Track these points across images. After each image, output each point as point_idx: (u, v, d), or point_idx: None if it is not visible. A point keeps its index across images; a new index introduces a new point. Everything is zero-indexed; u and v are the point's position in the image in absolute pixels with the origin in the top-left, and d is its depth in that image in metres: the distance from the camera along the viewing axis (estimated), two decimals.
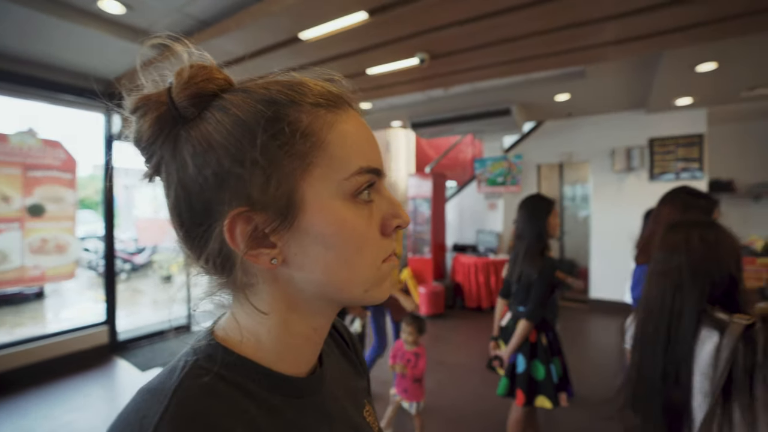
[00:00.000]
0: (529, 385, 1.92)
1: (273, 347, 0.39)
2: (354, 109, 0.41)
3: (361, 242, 0.37)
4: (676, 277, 0.95)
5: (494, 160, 5.88)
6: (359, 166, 0.37)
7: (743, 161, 5.88)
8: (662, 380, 0.93)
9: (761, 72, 3.73)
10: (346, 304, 0.42)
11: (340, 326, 0.59)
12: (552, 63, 3.31)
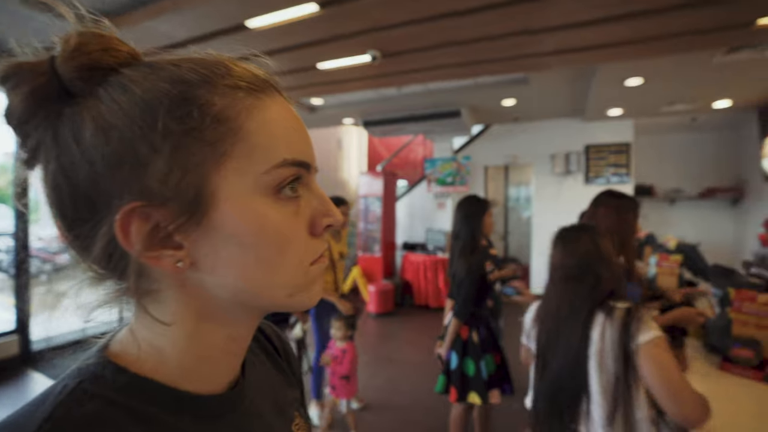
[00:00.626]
0: (461, 381, 1.97)
1: (179, 362, 0.34)
2: (282, 95, 0.37)
3: (284, 242, 0.33)
4: (572, 276, 1.11)
5: (444, 161, 6.01)
6: (283, 158, 0.33)
7: (662, 169, 6.51)
8: (567, 371, 1.06)
9: (679, 90, 4.13)
10: (269, 311, 0.38)
11: (271, 332, 0.53)
12: (498, 68, 3.43)
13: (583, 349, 1.04)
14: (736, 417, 1.13)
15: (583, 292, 1.08)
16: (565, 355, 1.07)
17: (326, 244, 0.38)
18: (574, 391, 1.04)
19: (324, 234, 0.37)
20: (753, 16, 2.45)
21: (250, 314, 0.38)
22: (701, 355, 1.58)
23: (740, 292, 1.42)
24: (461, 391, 1.98)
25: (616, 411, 0.98)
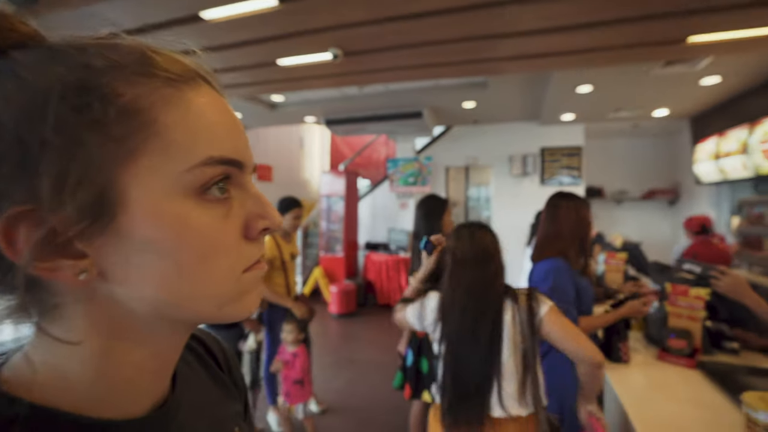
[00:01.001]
0: (416, 379, 1.99)
1: (89, 386, 0.30)
2: (212, 86, 0.33)
3: (210, 248, 0.30)
4: (472, 269, 1.23)
5: (406, 161, 6.06)
6: (208, 156, 0.30)
7: (610, 171, 6.93)
8: (481, 357, 1.16)
9: (623, 97, 4.41)
10: (197, 324, 0.35)
11: (212, 342, 0.50)
12: (457, 71, 3.49)
13: (497, 335, 1.17)
14: (671, 403, 1.21)
15: (488, 279, 1.22)
16: (479, 342, 1.17)
17: (263, 249, 0.36)
18: (488, 374, 1.15)
19: (261, 238, 0.35)
20: (684, 34, 2.66)
21: (175, 329, 0.34)
22: (642, 347, 1.69)
23: (675, 287, 1.54)
24: (415, 388, 1.99)
25: (527, 380, 1.15)
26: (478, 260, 1.24)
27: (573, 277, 1.50)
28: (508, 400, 1.15)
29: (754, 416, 0.80)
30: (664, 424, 1.10)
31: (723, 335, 1.62)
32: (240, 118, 2.32)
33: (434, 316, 1.25)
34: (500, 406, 1.15)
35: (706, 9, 2.34)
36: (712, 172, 4.79)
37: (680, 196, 6.39)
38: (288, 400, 2.35)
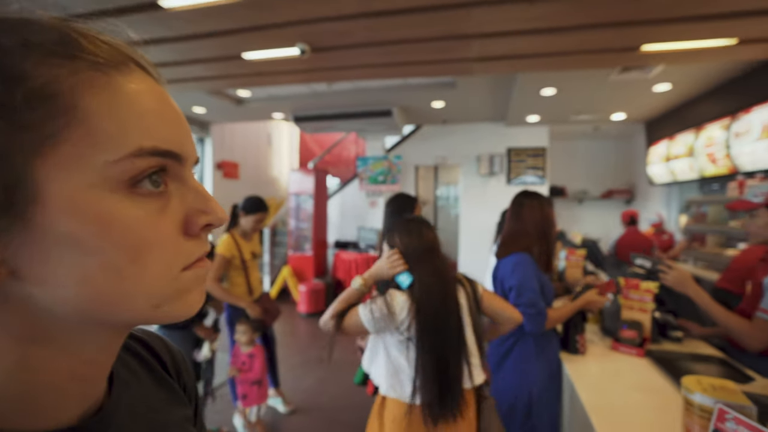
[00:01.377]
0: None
1: (6, 396, 0.28)
2: (148, 73, 0.31)
3: (141, 245, 0.28)
4: (435, 259, 1.29)
5: (376, 159, 6.07)
6: (138, 146, 0.27)
7: (572, 172, 7.22)
8: (453, 339, 1.22)
9: (584, 101, 4.60)
10: (132, 326, 0.33)
11: (158, 345, 0.47)
12: (426, 71, 3.53)
13: (461, 319, 1.26)
14: (621, 389, 1.28)
15: (446, 267, 1.31)
16: (451, 330, 1.23)
17: (207, 246, 0.34)
18: (460, 360, 1.21)
19: (203, 234, 0.33)
20: (639, 42, 2.80)
21: (107, 332, 0.32)
22: (598, 339, 1.77)
23: (627, 281, 1.62)
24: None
25: (481, 345, 1.31)
26: (435, 251, 1.31)
27: (537, 271, 1.55)
28: (475, 372, 1.25)
29: (690, 398, 0.85)
30: (615, 409, 1.15)
31: (669, 325, 1.72)
32: (204, 113, 2.25)
33: (406, 312, 1.20)
34: (470, 380, 1.23)
35: (659, 20, 2.48)
36: (664, 173, 5.09)
37: (635, 195, 6.75)
38: (244, 403, 2.28)
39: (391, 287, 1.29)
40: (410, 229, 1.32)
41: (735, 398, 0.81)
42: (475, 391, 1.27)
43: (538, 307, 1.46)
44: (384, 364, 1.27)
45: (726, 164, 3.78)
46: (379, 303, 1.22)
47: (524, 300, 1.47)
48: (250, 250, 2.51)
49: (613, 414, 1.12)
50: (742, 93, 3.66)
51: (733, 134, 3.64)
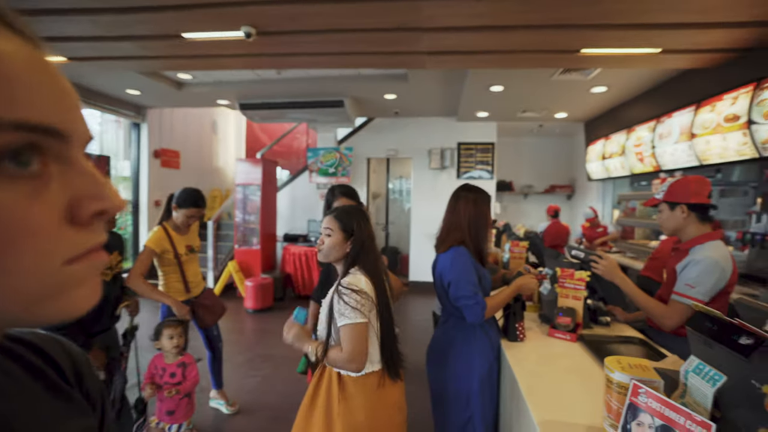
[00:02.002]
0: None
1: None
2: (23, 36, 0.26)
3: (5, 233, 0.24)
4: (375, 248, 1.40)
5: (326, 151, 5.96)
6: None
7: (518, 167, 7.55)
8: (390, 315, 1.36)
9: (529, 99, 4.80)
10: (2, 328, 0.29)
11: (53, 348, 0.42)
12: (379, 62, 3.49)
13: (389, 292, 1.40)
14: (555, 372, 1.34)
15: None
16: (388, 298, 1.37)
17: (102, 236, 0.29)
18: (393, 321, 1.37)
19: (96, 223, 0.28)
20: (578, 45, 2.95)
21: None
22: (536, 326, 1.84)
23: (563, 271, 1.69)
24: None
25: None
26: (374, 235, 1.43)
27: (474, 263, 1.57)
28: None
29: (610, 376, 0.90)
30: (548, 390, 1.20)
31: (599, 311, 1.83)
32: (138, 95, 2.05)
33: (372, 289, 1.30)
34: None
35: (596, 25, 2.62)
36: (600, 170, 5.45)
37: (575, 191, 7.19)
38: (170, 420, 1.95)
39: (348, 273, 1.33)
40: (366, 217, 1.40)
41: (647, 374, 0.87)
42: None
43: (476, 298, 1.48)
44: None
45: (651, 163, 4.11)
46: (354, 295, 1.25)
47: (463, 293, 1.49)
48: (185, 243, 2.31)
49: (547, 395, 1.16)
50: (666, 99, 3.99)
51: (657, 136, 3.97)
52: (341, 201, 1.95)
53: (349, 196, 1.98)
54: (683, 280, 1.49)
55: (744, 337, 0.70)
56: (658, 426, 0.77)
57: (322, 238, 1.37)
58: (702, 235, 1.55)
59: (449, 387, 1.58)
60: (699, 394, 0.78)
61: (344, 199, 1.95)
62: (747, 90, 2.84)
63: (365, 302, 1.26)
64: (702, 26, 2.58)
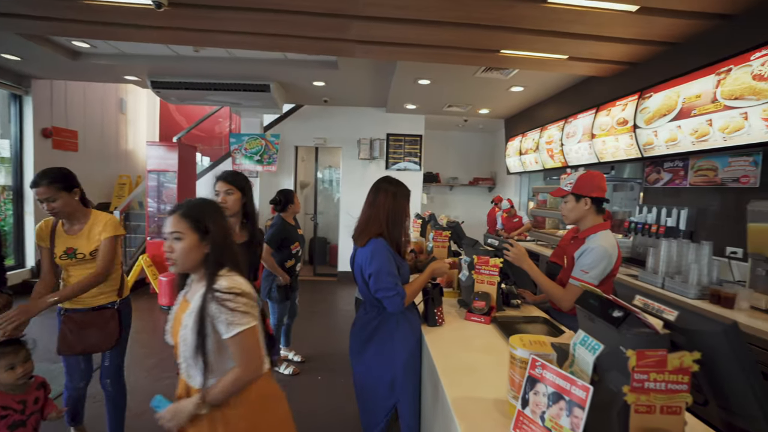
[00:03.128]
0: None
1: None
2: None
3: None
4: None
5: (251, 137, 5.66)
6: None
7: (444, 159, 7.86)
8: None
9: (454, 94, 5.00)
10: None
11: None
12: (307, 47, 3.37)
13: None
14: (470, 352, 1.42)
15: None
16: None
17: None
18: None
19: None
20: (498, 46, 3.13)
21: None
22: (455, 311, 1.94)
23: (479, 258, 1.80)
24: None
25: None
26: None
27: (393, 254, 1.60)
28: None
29: (513, 353, 0.99)
30: (462, 369, 1.27)
31: (511, 294, 1.99)
32: (18, 62, 1.75)
33: (252, 292, 1.20)
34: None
35: (513, 29, 2.79)
36: (517, 164, 5.89)
37: (497, 183, 7.70)
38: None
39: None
40: (219, 209, 1.27)
41: (544, 349, 0.96)
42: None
43: (396, 289, 1.52)
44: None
45: (560, 159, 4.54)
46: (240, 299, 1.11)
47: (383, 285, 1.52)
48: (66, 245, 1.83)
49: (461, 374, 1.23)
50: (573, 102, 4.41)
51: (565, 135, 4.38)
52: (219, 185, 1.87)
53: (228, 180, 1.89)
54: (579, 266, 1.67)
55: (616, 311, 0.81)
56: (551, 393, 0.85)
57: (170, 245, 1.14)
58: (596, 225, 1.75)
59: (374, 375, 1.61)
60: (583, 362, 0.88)
61: (223, 184, 1.86)
62: (633, 98, 3.24)
63: (252, 303, 1.14)
64: (599, 39, 2.88)
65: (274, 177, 6.17)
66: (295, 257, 3.04)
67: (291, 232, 3.01)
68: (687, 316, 0.78)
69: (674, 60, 2.92)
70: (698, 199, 2.97)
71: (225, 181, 1.88)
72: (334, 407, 2.70)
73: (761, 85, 2.15)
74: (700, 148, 2.59)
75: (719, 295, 2.22)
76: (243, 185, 1.92)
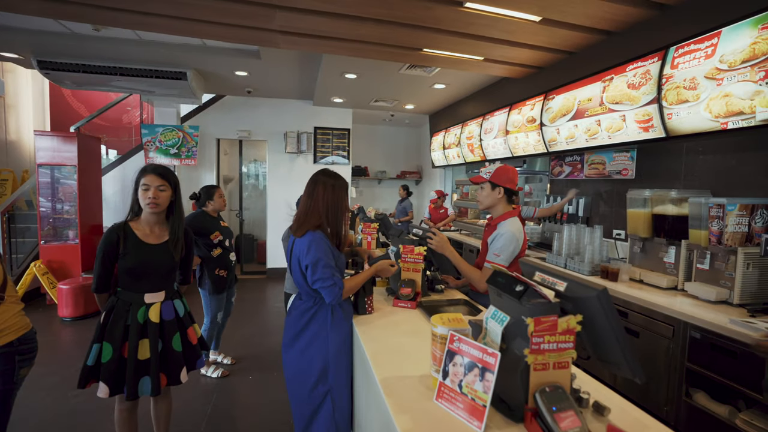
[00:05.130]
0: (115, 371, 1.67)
1: None
2: None
3: None
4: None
5: (167, 129, 5.23)
6: None
7: (373, 153, 7.98)
8: None
9: (380, 89, 5.10)
10: None
11: None
12: (227, 34, 3.20)
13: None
14: (396, 336, 1.51)
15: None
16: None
17: None
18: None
19: None
20: (421, 44, 3.27)
21: None
22: (384, 299, 2.02)
23: (405, 247, 1.90)
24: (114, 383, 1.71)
25: None
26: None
27: (331, 246, 1.63)
28: None
29: (434, 330, 1.09)
30: (390, 351, 1.35)
31: (435, 280, 2.12)
32: None
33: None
34: None
35: (434, 29, 2.93)
36: (441, 158, 6.19)
37: (423, 176, 8.01)
38: None
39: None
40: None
41: (461, 325, 1.07)
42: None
43: (335, 279, 1.56)
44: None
45: (479, 153, 4.87)
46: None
47: (320, 275, 1.54)
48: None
49: (388, 357, 1.31)
50: (490, 100, 4.76)
51: (483, 131, 4.71)
52: (150, 179, 1.73)
53: (161, 174, 1.76)
54: (492, 250, 1.85)
55: (518, 286, 0.93)
56: (467, 363, 0.96)
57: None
58: (506, 213, 1.94)
59: (306, 365, 1.62)
60: (494, 333, 0.99)
61: (156, 178, 1.74)
62: (540, 99, 3.60)
63: None
64: (511, 44, 3.15)
65: (194, 171, 5.77)
66: (221, 246, 2.92)
67: (209, 222, 2.91)
68: (572, 285, 0.92)
69: (572, 67, 3.29)
70: (592, 189, 3.41)
71: (158, 176, 1.72)
72: (268, 402, 2.66)
73: (634, 93, 2.54)
74: (592, 144, 2.97)
75: (607, 271, 2.59)
76: (176, 182, 1.81)
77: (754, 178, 2.22)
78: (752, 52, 1.89)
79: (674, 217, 2.38)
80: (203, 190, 2.97)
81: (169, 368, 1.72)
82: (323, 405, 1.58)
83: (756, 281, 2.00)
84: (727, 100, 1.99)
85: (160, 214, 1.78)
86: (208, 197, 2.95)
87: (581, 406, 1.01)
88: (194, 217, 2.86)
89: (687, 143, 2.58)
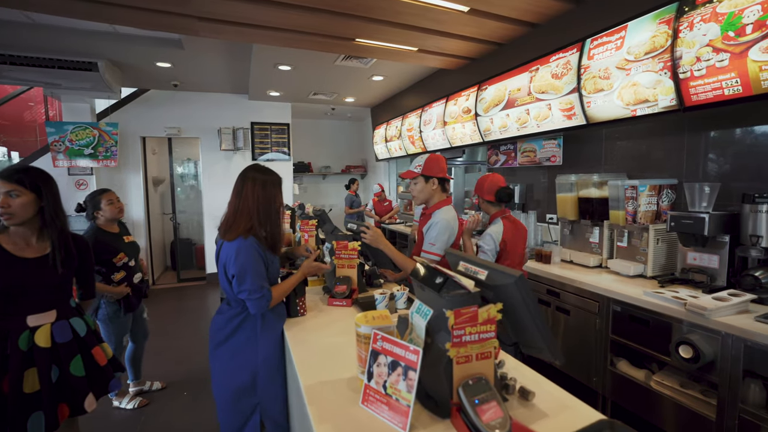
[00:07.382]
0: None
1: None
2: None
3: None
4: None
5: (78, 127, 4.68)
6: None
7: (315, 148, 7.80)
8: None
9: (318, 82, 4.95)
10: None
11: None
12: (138, 19, 2.91)
13: None
14: (329, 336, 1.44)
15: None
16: None
17: None
18: None
19: None
20: (353, 34, 3.18)
21: None
22: (320, 299, 1.94)
23: (338, 243, 1.83)
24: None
25: None
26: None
27: (262, 252, 1.50)
28: None
29: (358, 330, 1.03)
30: (319, 354, 1.28)
31: (374, 275, 2.07)
32: None
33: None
34: None
35: (365, 18, 2.86)
36: (384, 151, 6.16)
37: (368, 170, 7.96)
38: None
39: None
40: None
41: (386, 322, 1.02)
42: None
43: (262, 291, 1.45)
44: None
45: (420, 145, 4.90)
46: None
47: (247, 286, 1.43)
48: None
49: (316, 360, 1.24)
50: (428, 92, 4.79)
51: (423, 122, 4.74)
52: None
53: (10, 178, 1.44)
54: (427, 239, 1.83)
55: (438, 278, 0.90)
56: (390, 362, 0.91)
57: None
58: (440, 202, 1.93)
59: (232, 375, 1.50)
60: (419, 328, 0.95)
61: (4, 183, 1.48)
62: (473, 90, 3.67)
63: None
64: (443, 34, 3.16)
65: (117, 173, 5.26)
66: (125, 269, 2.46)
67: (110, 241, 2.41)
68: (492, 273, 0.91)
69: (501, 58, 3.38)
70: (526, 176, 3.55)
71: (4, 179, 1.41)
72: (207, 419, 2.48)
73: (557, 82, 2.65)
74: (523, 133, 3.07)
75: (541, 254, 2.70)
76: (38, 184, 1.46)
77: (662, 161, 2.41)
78: (653, 44, 2.03)
79: (597, 200, 2.52)
80: (88, 199, 2.44)
81: (69, 397, 1.48)
82: (251, 418, 1.48)
83: (664, 255, 2.17)
84: (635, 89, 2.13)
85: (32, 224, 1.46)
86: (95, 207, 2.40)
87: (508, 392, 1.00)
88: (89, 239, 2.09)
89: (606, 130, 2.75)
